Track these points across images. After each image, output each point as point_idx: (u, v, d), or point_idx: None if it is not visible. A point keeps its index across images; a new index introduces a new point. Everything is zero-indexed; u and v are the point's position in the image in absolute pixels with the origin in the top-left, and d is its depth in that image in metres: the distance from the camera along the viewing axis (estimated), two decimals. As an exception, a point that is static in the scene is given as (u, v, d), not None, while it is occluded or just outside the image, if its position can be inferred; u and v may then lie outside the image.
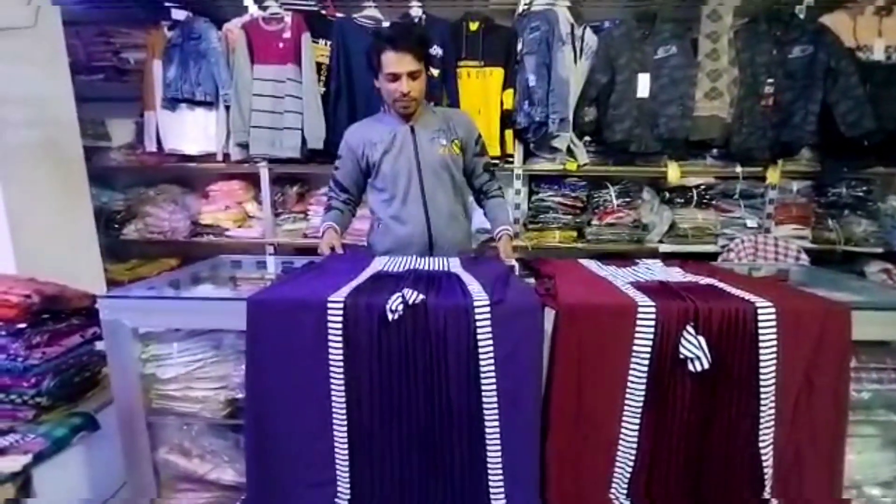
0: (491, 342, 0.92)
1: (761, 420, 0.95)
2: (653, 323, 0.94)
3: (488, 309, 0.92)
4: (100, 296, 0.96)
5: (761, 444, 0.96)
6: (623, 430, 0.97)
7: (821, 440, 0.97)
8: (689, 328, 0.93)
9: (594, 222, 2.48)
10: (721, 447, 0.97)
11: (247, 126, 2.34)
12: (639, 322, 0.94)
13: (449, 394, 0.93)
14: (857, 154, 2.34)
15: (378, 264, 1.24)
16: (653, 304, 0.94)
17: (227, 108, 2.35)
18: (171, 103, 2.37)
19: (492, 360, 0.92)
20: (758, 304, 0.94)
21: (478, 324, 0.92)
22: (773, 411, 0.95)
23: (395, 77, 1.38)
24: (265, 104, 2.32)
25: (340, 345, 0.93)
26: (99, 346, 1.58)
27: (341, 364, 0.93)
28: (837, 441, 0.97)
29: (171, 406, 1.01)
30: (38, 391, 1.33)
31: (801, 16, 2.27)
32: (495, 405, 0.93)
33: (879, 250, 2.43)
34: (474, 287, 1.00)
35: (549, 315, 0.97)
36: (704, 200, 2.50)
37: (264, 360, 0.95)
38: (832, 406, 0.96)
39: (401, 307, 0.91)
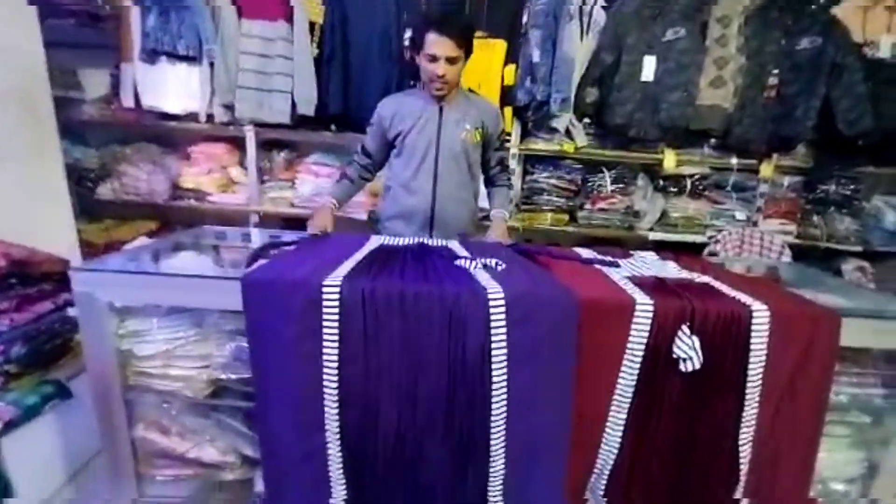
0: (505, 339, 0.90)
1: (743, 420, 0.97)
2: (649, 321, 0.93)
3: (503, 302, 0.90)
4: (73, 268, 0.90)
5: (740, 444, 0.98)
6: (608, 428, 0.98)
7: (797, 441, 0.99)
8: (685, 328, 0.92)
9: (587, 206, 2.46)
10: (702, 446, 0.99)
11: (232, 86, 2.20)
12: (635, 320, 0.93)
13: (452, 386, 0.92)
14: (850, 153, 2.34)
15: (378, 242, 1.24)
16: (651, 301, 0.93)
17: (212, 64, 2.21)
18: (151, 56, 2.20)
19: (505, 358, 0.91)
20: (753, 307, 0.94)
21: (492, 318, 0.90)
22: (755, 412, 0.97)
23: (434, 59, 1.44)
24: (253, 63, 2.18)
25: (336, 330, 0.90)
26: (72, 312, 1.52)
27: (336, 351, 0.90)
28: (813, 442, 1.00)
29: (150, 383, 0.97)
30: (7, 358, 1.28)
31: (813, 5, 2.21)
32: (503, 406, 0.93)
33: (859, 249, 2.48)
34: (485, 278, 0.98)
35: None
36: (697, 190, 2.49)
37: (263, 341, 0.92)
38: (812, 408, 0.98)
39: None
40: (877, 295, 1.20)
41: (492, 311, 0.90)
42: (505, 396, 0.93)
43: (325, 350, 0.91)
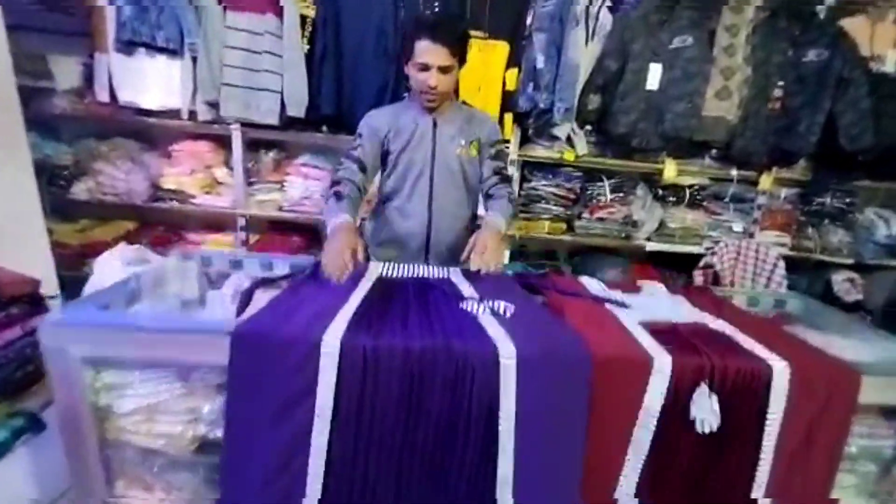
0: (514, 399, 0.85)
1: (757, 474, 0.95)
2: (667, 379, 0.89)
3: (514, 361, 0.85)
4: (43, 323, 0.80)
5: (753, 495, 0.96)
6: (620, 483, 0.95)
7: (810, 494, 0.98)
8: (704, 387, 0.89)
9: (585, 216, 2.41)
10: (715, 495, 0.97)
11: (216, 82, 2.06)
12: (653, 378, 0.89)
13: (456, 449, 0.87)
14: (849, 167, 2.33)
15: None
16: (669, 359, 0.89)
17: (194, 59, 2.06)
18: (127, 47, 2.04)
19: (513, 418, 0.86)
20: (774, 365, 0.90)
21: (502, 377, 0.84)
22: (770, 464, 0.95)
23: (426, 68, 1.32)
24: (238, 59, 2.04)
25: (332, 389, 0.83)
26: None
27: (330, 411, 0.84)
28: (825, 495, 0.98)
29: (130, 440, 0.89)
30: (-28, 393, 1.18)
31: (822, 16, 2.16)
32: (510, 467, 0.87)
33: (850, 261, 2.50)
34: (494, 330, 0.92)
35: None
36: (696, 201, 2.46)
37: (246, 399, 0.85)
38: (826, 463, 0.97)
39: None
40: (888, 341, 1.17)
41: (502, 370, 0.85)
42: (512, 457, 0.88)
43: (318, 409, 0.85)
